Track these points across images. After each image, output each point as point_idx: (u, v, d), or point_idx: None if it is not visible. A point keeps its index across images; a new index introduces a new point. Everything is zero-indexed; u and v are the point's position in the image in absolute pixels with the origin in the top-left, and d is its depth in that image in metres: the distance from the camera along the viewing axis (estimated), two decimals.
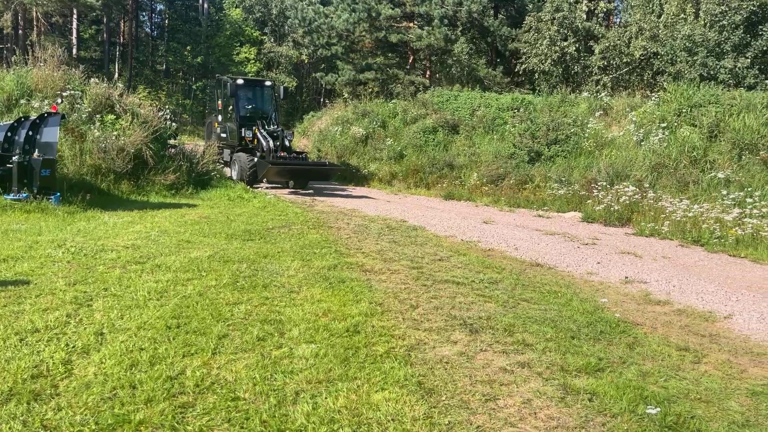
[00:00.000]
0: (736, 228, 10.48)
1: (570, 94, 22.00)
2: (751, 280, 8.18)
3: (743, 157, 13.33)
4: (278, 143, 17.46)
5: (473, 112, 22.22)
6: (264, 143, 17.59)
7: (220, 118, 20.75)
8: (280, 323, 5.43)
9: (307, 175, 17.91)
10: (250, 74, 46.71)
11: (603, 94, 21.00)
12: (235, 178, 17.87)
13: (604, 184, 13.91)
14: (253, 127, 18.31)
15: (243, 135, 18.70)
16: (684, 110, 15.58)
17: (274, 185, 19.12)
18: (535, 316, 6.06)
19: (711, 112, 14.79)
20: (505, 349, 5.11)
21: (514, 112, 20.96)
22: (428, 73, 36.00)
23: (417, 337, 5.28)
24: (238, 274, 7.01)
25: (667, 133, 15.32)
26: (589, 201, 13.59)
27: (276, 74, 47.65)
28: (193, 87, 50.70)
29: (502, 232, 11.74)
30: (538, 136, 17.77)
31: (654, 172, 14.03)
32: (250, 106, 19.90)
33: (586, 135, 17.36)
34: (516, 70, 31.41)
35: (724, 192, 12.19)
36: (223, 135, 20.13)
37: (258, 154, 17.78)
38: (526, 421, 3.82)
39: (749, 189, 12.11)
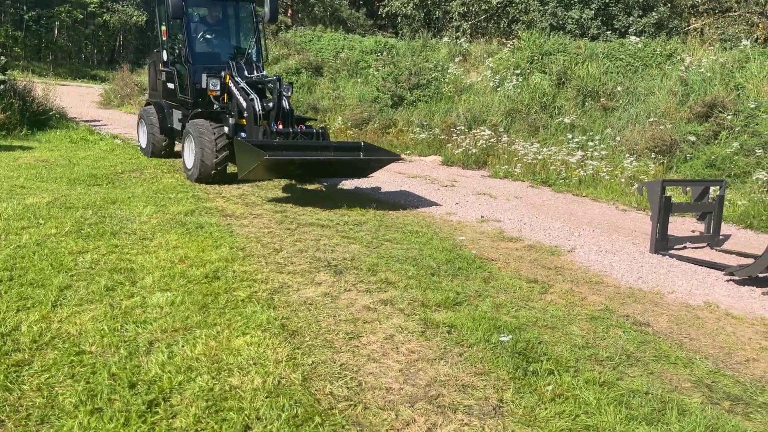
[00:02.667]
0: (579, 169, 11.31)
1: (431, 39, 22.30)
2: (591, 216, 8.90)
3: (586, 103, 14.31)
4: (270, 103, 9.25)
5: (337, 54, 21.87)
6: (243, 102, 9.34)
7: (165, 56, 11.36)
8: (132, 272, 5.08)
9: (331, 170, 9.46)
10: (90, 6, 42.38)
11: (462, 40, 21.51)
12: (190, 166, 9.51)
13: (463, 128, 14.38)
14: (222, 73, 9.95)
15: (203, 87, 10.06)
16: (536, 58, 16.36)
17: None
18: (398, 256, 6.16)
19: (559, 61, 15.66)
20: (369, 288, 5.16)
21: (378, 56, 20.91)
22: (290, 12, 34.81)
23: (281, 281, 5.17)
24: (82, 222, 6.44)
25: (520, 79, 16.04)
26: (449, 145, 14.00)
27: (123, 6, 43.76)
28: (25, 17, 45.33)
29: None
30: (401, 81, 17.89)
31: (508, 117, 14.70)
32: (212, 37, 11.34)
33: (447, 80, 17.76)
34: (379, 12, 31.22)
35: (570, 136, 13.07)
36: (170, 85, 11.26)
37: (230, 121, 9.27)
38: (389, 356, 3.89)
39: (591, 133, 13.08)
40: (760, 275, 5.88)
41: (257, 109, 9.18)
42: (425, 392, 3.44)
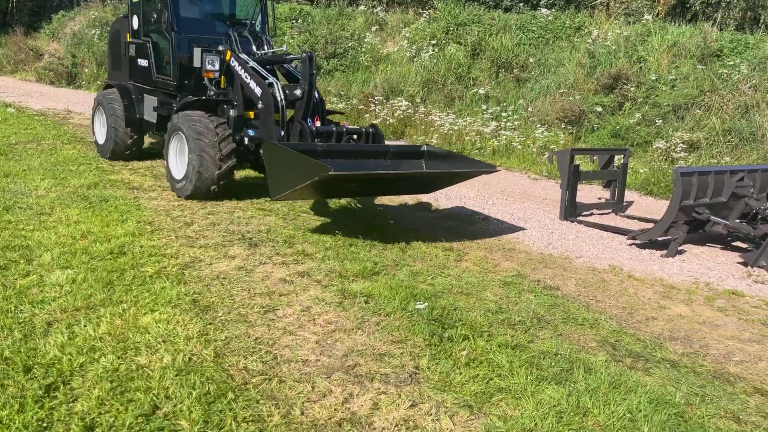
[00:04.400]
0: (493, 140, 11.55)
1: (347, 7, 21.96)
2: (504, 186, 9.12)
3: (500, 74, 14.57)
4: (297, 90, 6.78)
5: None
6: (256, 88, 6.82)
7: (135, 24, 8.52)
8: (28, 249, 4.74)
9: (400, 186, 6.69)
10: None
11: (378, 9, 21.31)
12: (179, 177, 6.91)
13: (381, 98, 14.32)
14: (221, 47, 7.47)
15: (195, 65, 7.59)
16: (451, 29, 16.45)
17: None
18: (315, 227, 6.08)
19: (474, 32, 15.83)
20: (285, 260, 5.06)
21: (293, 23, 20.40)
22: None
23: (192, 255, 4.98)
24: None
25: (436, 50, 16.10)
26: (366, 115, 13.92)
27: None
28: None
29: None
30: (317, 50, 17.56)
31: (425, 88, 14.76)
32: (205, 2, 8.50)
33: (363, 50, 17.58)
34: None
35: (484, 107, 13.30)
36: (142, 62, 8.43)
37: (231, 113, 7.03)
38: (305, 328, 3.83)
39: (504, 104, 13.35)
40: (659, 239, 6.22)
41: (279, 99, 6.62)
42: (342, 363, 3.42)
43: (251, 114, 7.09)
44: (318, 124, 6.61)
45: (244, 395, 2.99)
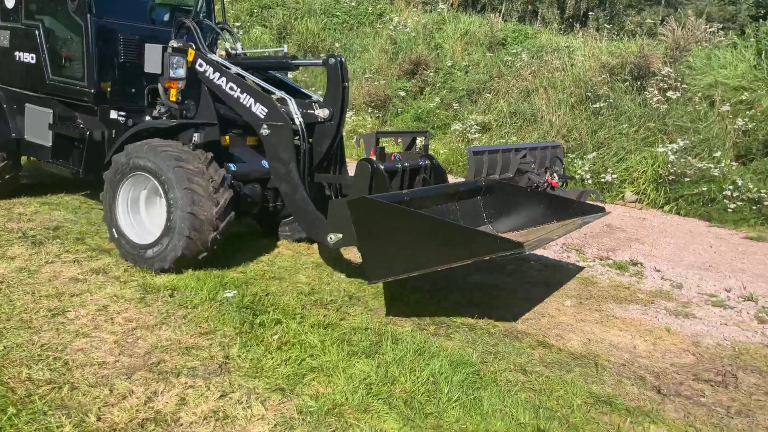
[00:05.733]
0: None
1: None
2: None
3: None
4: (324, 110, 4.90)
5: None
6: (258, 107, 4.83)
7: (9, 1, 5.92)
8: None
9: None
10: None
11: None
12: (151, 241, 4.50)
13: None
14: (174, 44, 5.01)
15: (152, 70, 5.14)
16: (255, 11, 16.14)
17: None
18: None
19: (279, 15, 15.68)
20: (77, 257, 4.62)
21: None
22: None
23: None
24: None
25: (241, 32, 15.70)
26: None
27: None
28: None
29: None
30: None
31: None
32: None
33: None
34: None
35: None
36: (25, 57, 5.88)
37: (196, 138, 4.77)
38: (102, 329, 3.53)
39: (313, 89, 13.43)
40: None
41: (299, 122, 4.85)
42: (145, 361, 3.21)
43: (227, 139, 5.16)
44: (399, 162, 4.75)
45: (28, 408, 2.68)
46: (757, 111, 8.91)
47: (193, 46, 5.06)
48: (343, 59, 4.90)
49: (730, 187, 7.83)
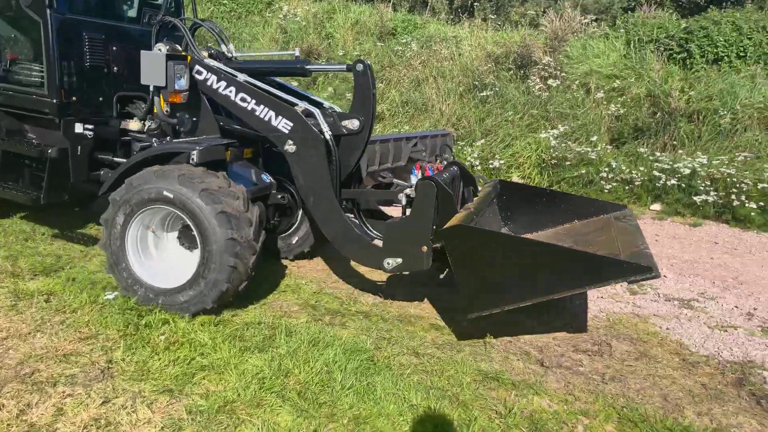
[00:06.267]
0: None
1: None
2: None
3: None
4: (352, 122, 4.30)
5: None
6: (280, 121, 4.18)
7: None
8: None
9: None
10: None
11: None
12: (173, 285, 3.85)
13: None
14: (161, 47, 4.27)
15: (152, 83, 4.29)
16: None
17: None
18: None
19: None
20: None
21: None
22: None
23: None
24: None
25: None
26: None
27: None
28: None
29: None
30: None
31: None
32: None
33: None
34: None
35: None
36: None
37: (193, 155, 3.92)
38: None
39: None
40: None
41: (328, 137, 4.22)
42: (17, 372, 2.99)
43: (248, 153, 4.70)
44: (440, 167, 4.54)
45: None
46: (628, 97, 9.56)
47: (196, 53, 4.38)
48: (370, 64, 4.38)
49: (606, 169, 8.36)
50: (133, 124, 4.68)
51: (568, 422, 3.02)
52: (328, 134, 4.16)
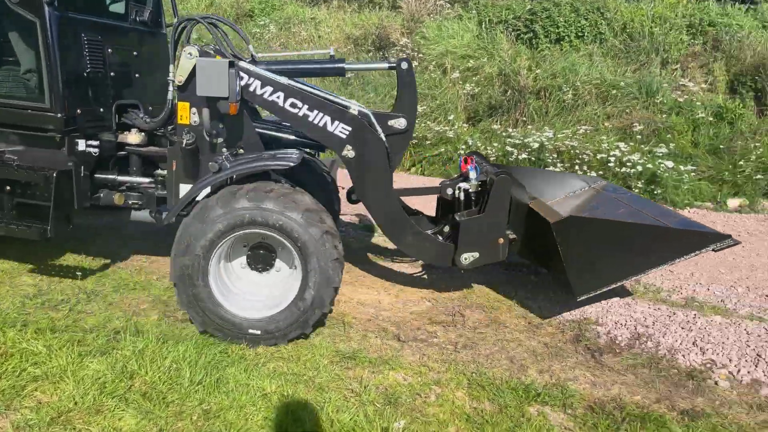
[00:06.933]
0: None
1: None
2: None
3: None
4: (392, 121, 4.04)
5: None
6: (336, 126, 3.85)
7: None
8: None
9: None
10: None
11: None
12: (263, 315, 3.48)
13: None
14: (191, 50, 3.67)
15: (213, 95, 3.63)
16: None
17: None
18: None
19: None
20: None
21: None
22: None
23: None
24: None
25: None
26: None
27: None
28: None
29: None
30: None
31: None
32: None
33: None
34: None
35: None
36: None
37: (223, 169, 3.54)
38: None
39: None
40: None
41: (383, 138, 3.95)
42: None
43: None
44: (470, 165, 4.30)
45: None
46: (481, 77, 9.98)
47: (238, 56, 3.85)
48: (410, 60, 4.17)
49: (463, 146, 8.69)
50: (132, 137, 4.16)
51: (421, 393, 3.11)
52: (383, 136, 3.92)
